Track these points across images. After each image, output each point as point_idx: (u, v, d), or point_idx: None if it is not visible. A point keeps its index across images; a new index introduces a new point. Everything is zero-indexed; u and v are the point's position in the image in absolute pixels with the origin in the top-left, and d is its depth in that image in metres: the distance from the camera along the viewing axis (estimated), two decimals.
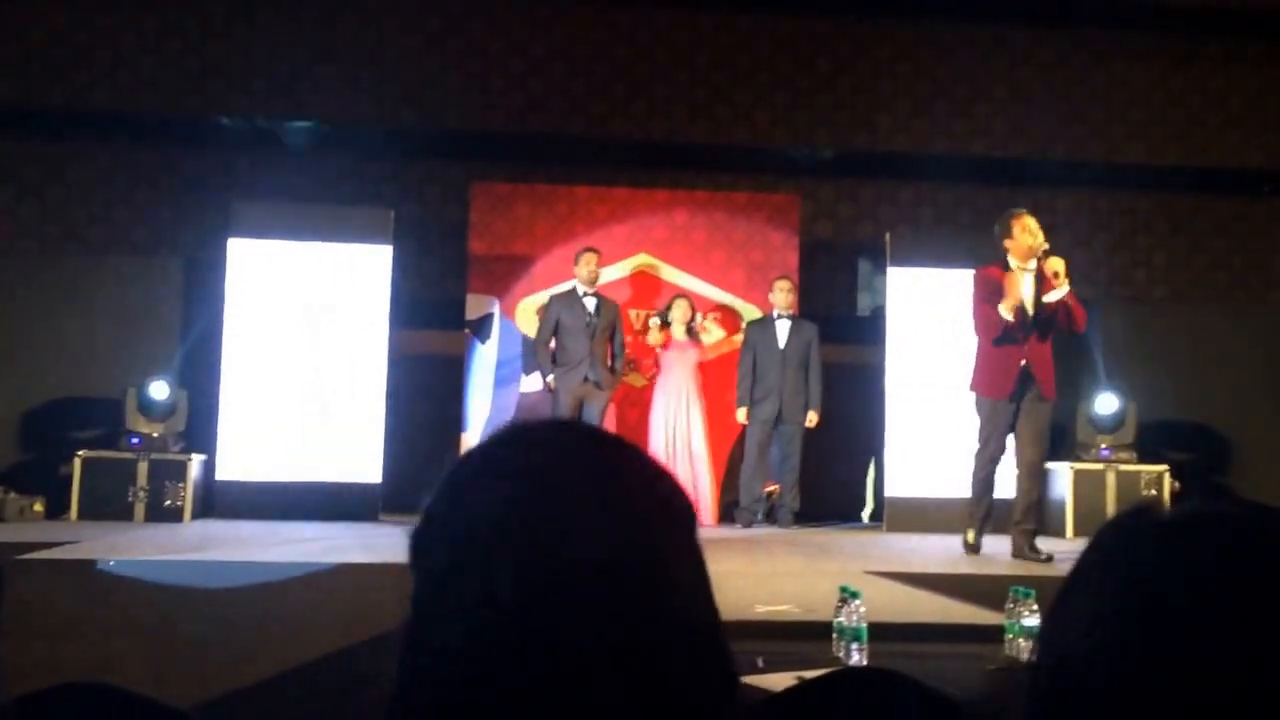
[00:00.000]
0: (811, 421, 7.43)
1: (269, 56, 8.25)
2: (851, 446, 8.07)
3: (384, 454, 7.35)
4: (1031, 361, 5.58)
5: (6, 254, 8.03)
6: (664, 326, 7.64)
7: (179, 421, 7.27)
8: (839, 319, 8.38)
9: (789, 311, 7.54)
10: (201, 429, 7.32)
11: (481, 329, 7.89)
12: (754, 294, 7.94)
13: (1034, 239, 5.55)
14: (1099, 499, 7.28)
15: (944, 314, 7.60)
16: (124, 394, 7.28)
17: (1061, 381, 5.76)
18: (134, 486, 6.96)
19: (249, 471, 7.25)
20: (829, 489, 8.02)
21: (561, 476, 0.76)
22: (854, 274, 8.75)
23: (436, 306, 8.15)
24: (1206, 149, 8.74)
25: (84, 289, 7.80)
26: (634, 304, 7.96)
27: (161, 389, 7.28)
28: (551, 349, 7.35)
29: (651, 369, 7.70)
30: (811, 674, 1.97)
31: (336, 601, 4.18)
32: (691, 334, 7.69)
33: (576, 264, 7.40)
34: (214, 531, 6.34)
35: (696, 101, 8.57)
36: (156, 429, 7.18)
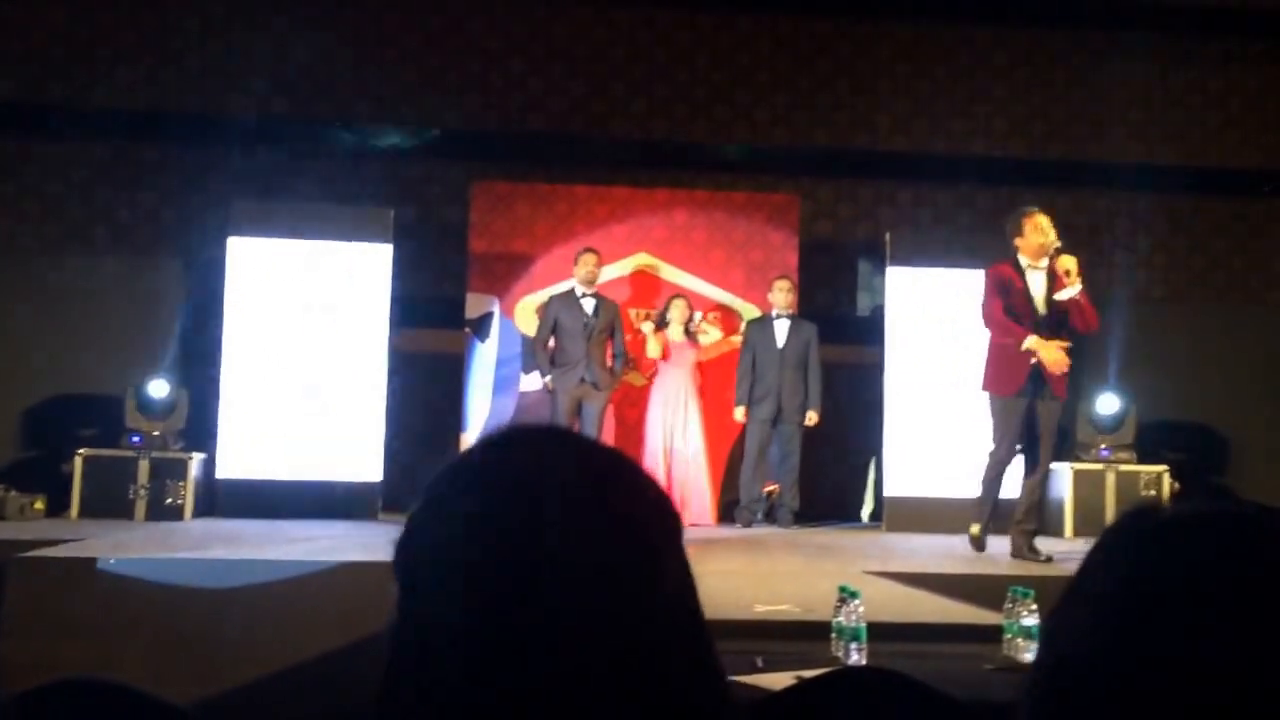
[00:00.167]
0: (811, 421, 7.43)
1: (270, 55, 8.26)
2: (851, 446, 8.07)
3: (384, 453, 7.35)
4: (1042, 361, 5.49)
5: (7, 252, 8.03)
6: (660, 328, 7.62)
7: (179, 420, 7.28)
8: (838, 319, 8.38)
9: (788, 311, 7.54)
10: (202, 427, 7.33)
11: (481, 328, 7.90)
12: (753, 294, 7.94)
13: (1044, 237, 5.48)
14: (1098, 499, 7.29)
15: (943, 314, 7.61)
16: (124, 392, 7.28)
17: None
18: (135, 485, 6.96)
19: (249, 470, 7.26)
20: (828, 489, 8.03)
21: (546, 486, 0.76)
22: (853, 274, 8.75)
23: (436, 306, 8.15)
24: (1206, 149, 8.75)
25: (84, 287, 7.80)
26: (633, 303, 7.96)
27: (161, 387, 7.29)
28: (550, 349, 7.36)
29: (652, 367, 7.71)
30: (810, 674, 1.98)
31: (336, 600, 4.18)
32: (689, 334, 7.69)
33: (575, 264, 7.40)
34: (214, 530, 6.34)
35: (696, 101, 8.58)
36: (157, 427, 7.19)
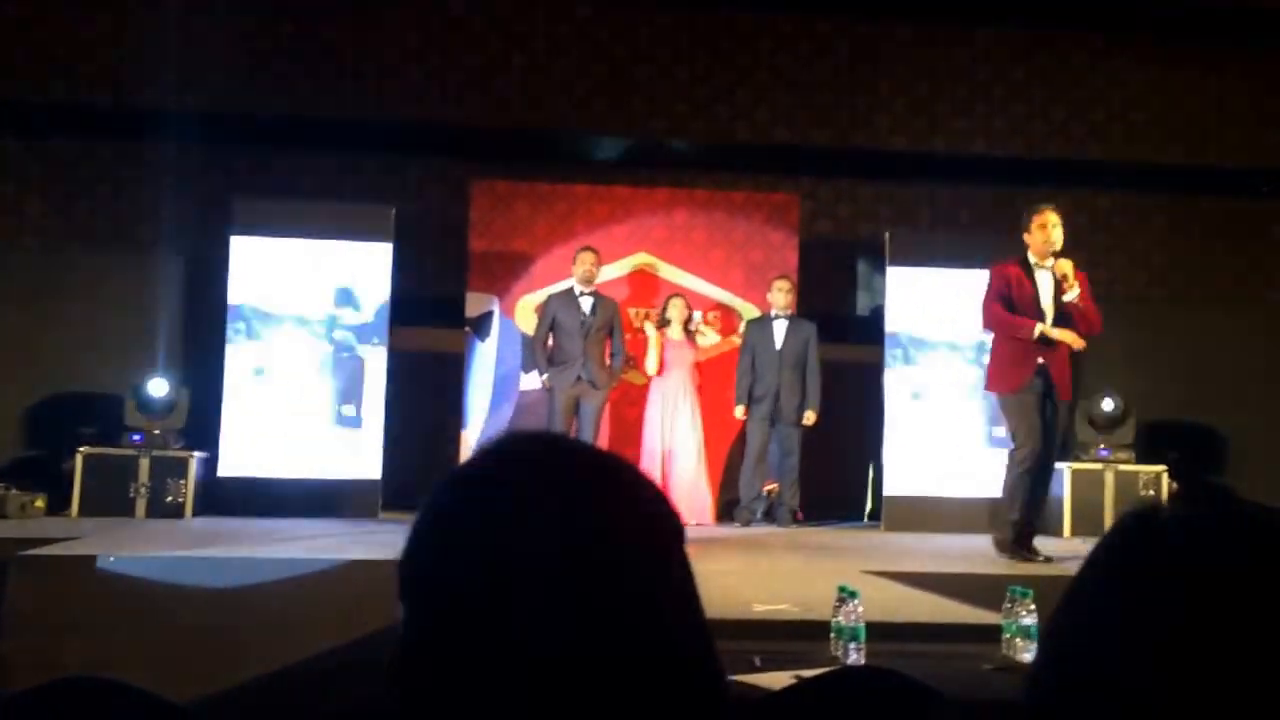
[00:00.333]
0: (809, 420, 7.43)
1: (272, 53, 8.26)
2: (850, 446, 8.07)
3: (384, 451, 7.36)
4: (1048, 362, 5.42)
5: (8, 250, 8.04)
6: (661, 326, 7.61)
7: (180, 418, 7.28)
8: (838, 318, 8.38)
9: (787, 311, 7.53)
10: (203, 425, 7.33)
11: (481, 327, 7.90)
12: (753, 293, 7.94)
13: (1046, 235, 5.41)
14: (1097, 499, 7.29)
15: (944, 313, 7.61)
16: (125, 391, 7.29)
17: None
18: (135, 483, 6.97)
19: (250, 468, 7.26)
20: (828, 488, 8.02)
21: (547, 494, 0.77)
22: (853, 273, 8.75)
23: (436, 304, 8.15)
24: (1206, 149, 8.74)
25: (86, 285, 7.81)
26: (633, 303, 7.96)
27: (160, 386, 7.29)
28: (549, 348, 7.36)
29: (658, 370, 7.68)
30: (809, 673, 1.98)
31: (337, 598, 4.19)
32: (689, 333, 7.68)
33: (573, 263, 7.39)
34: (215, 528, 6.34)
35: (697, 100, 8.58)
36: (157, 426, 7.19)
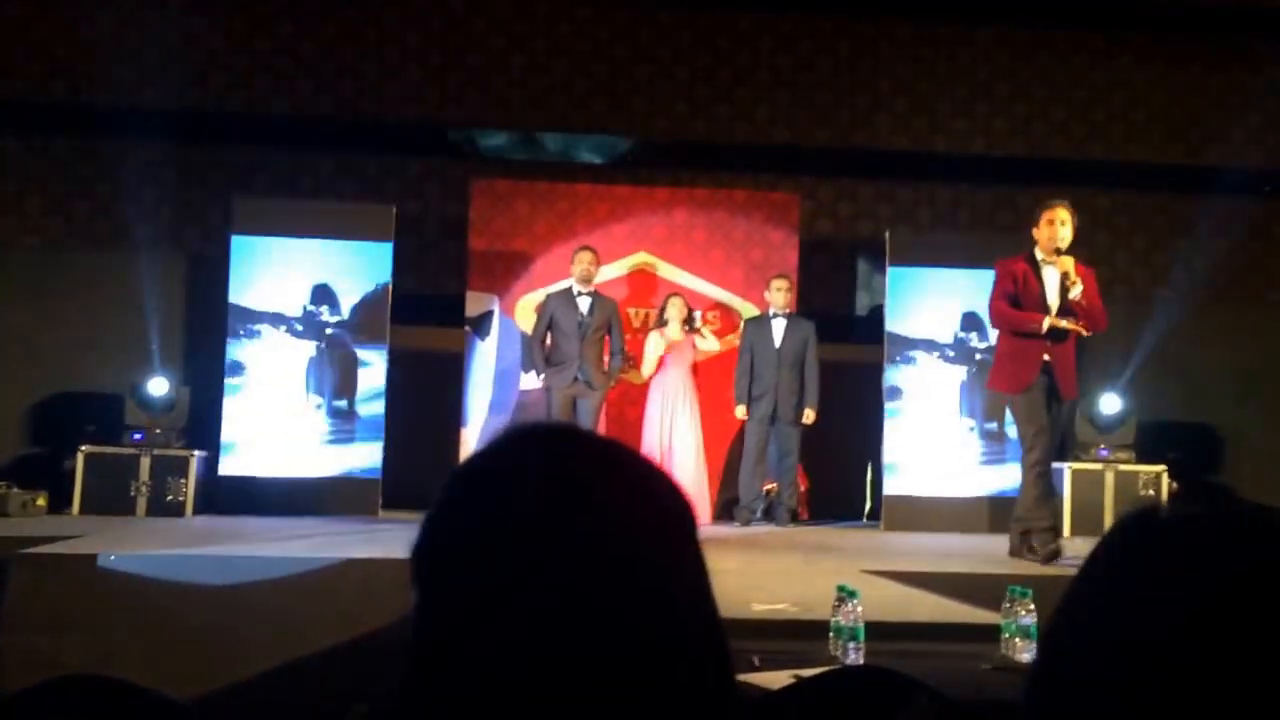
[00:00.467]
0: (808, 419, 7.42)
1: (271, 52, 8.27)
2: (850, 445, 8.07)
3: (384, 450, 7.37)
4: (1054, 359, 5.36)
5: (9, 249, 8.05)
6: (660, 325, 7.60)
7: (181, 417, 7.29)
8: (838, 318, 8.38)
9: (785, 310, 7.52)
10: (204, 424, 7.34)
11: (481, 326, 7.90)
12: (753, 293, 7.93)
13: (1052, 233, 5.33)
14: (1097, 499, 7.29)
15: (943, 313, 7.61)
16: (126, 389, 7.30)
17: None
18: (136, 481, 6.98)
19: (250, 467, 7.27)
20: (828, 488, 8.03)
21: (560, 484, 0.77)
22: (853, 273, 8.75)
23: (437, 303, 8.15)
24: (1206, 149, 8.74)
25: (87, 284, 7.82)
26: (632, 302, 7.96)
27: (160, 385, 7.30)
28: (547, 347, 7.35)
29: (655, 370, 7.69)
30: (808, 673, 1.99)
31: (337, 596, 4.19)
32: (691, 329, 7.66)
33: (572, 262, 7.38)
34: (215, 526, 6.35)
35: (697, 99, 8.58)
36: (158, 424, 7.20)
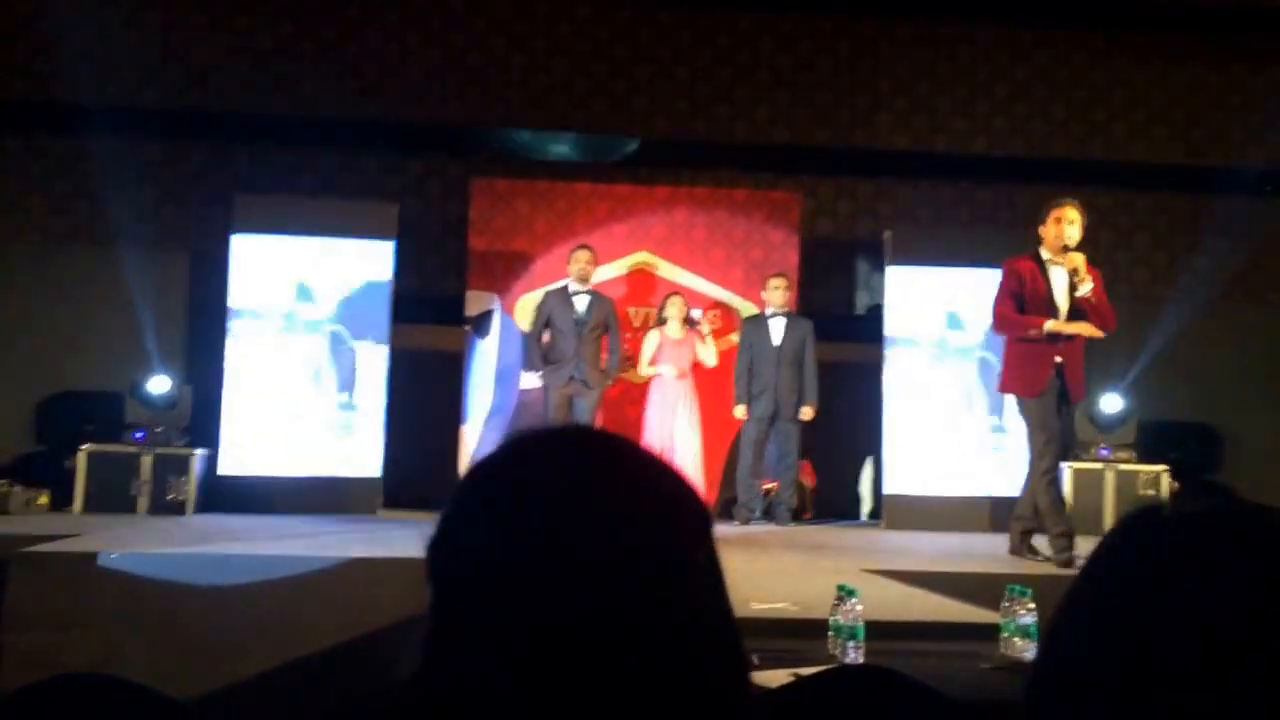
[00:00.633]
0: (807, 415, 7.41)
1: (272, 52, 8.27)
2: (850, 445, 8.08)
3: (384, 449, 7.37)
4: (1065, 360, 5.29)
5: (12, 248, 8.05)
6: (660, 324, 7.60)
7: (182, 416, 7.29)
8: (838, 316, 8.39)
9: (783, 309, 7.52)
10: (205, 423, 7.34)
11: (481, 325, 7.91)
12: (753, 291, 7.93)
13: (1059, 231, 5.26)
14: (1097, 498, 7.29)
15: (943, 312, 7.61)
16: (127, 388, 7.30)
17: None
18: (137, 480, 6.98)
19: (251, 466, 7.27)
20: (828, 487, 8.03)
21: (577, 483, 0.78)
22: (853, 272, 8.75)
23: (437, 302, 8.15)
24: (1206, 148, 8.75)
25: (89, 283, 7.83)
26: (631, 301, 7.96)
27: (161, 384, 7.31)
28: (545, 345, 7.35)
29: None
30: (808, 671, 1.99)
31: (337, 595, 4.20)
32: (688, 331, 7.65)
33: (569, 261, 7.38)
34: (216, 525, 6.35)
35: (697, 98, 8.58)
36: (159, 423, 7.20)
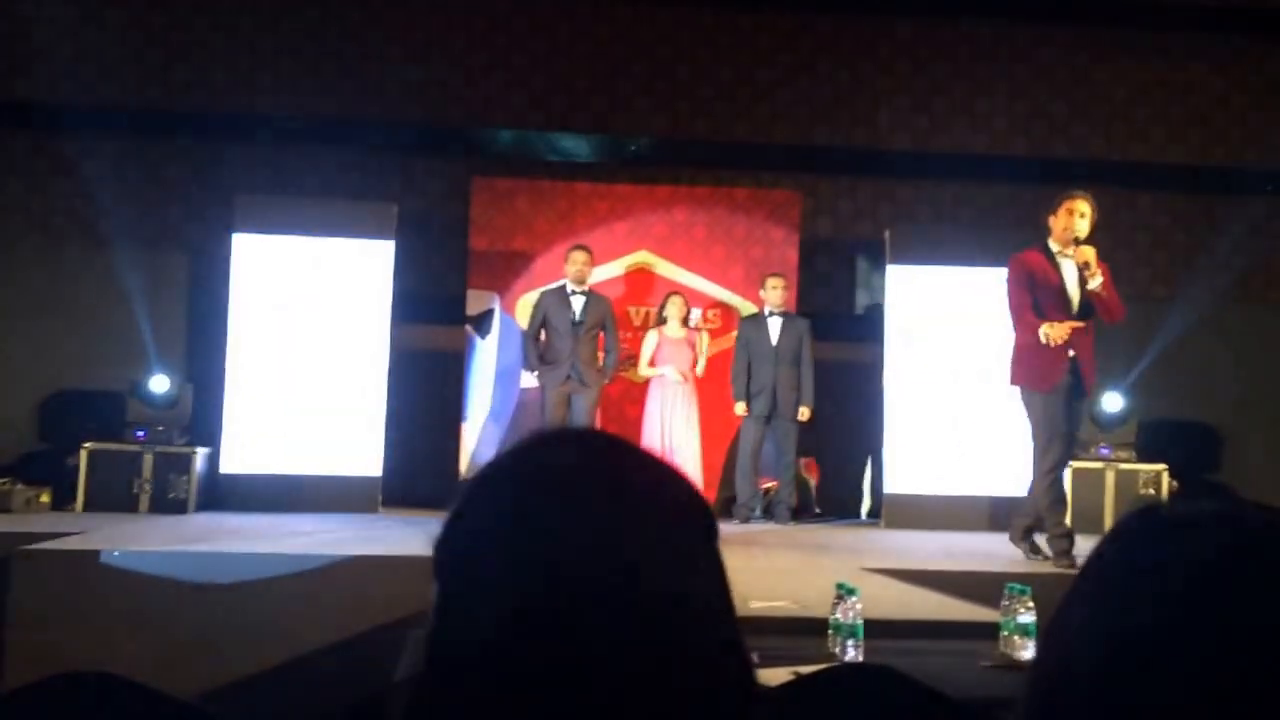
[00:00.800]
0: (803, 416, 7.42)
1: (273, 52, 8.28)
2: (849, 444, 8.08)
3: (384, 448, 7.37)
4: (1078, 352, 5.25)
5: (13, 247, 8.06)
6: (660, 323, 7.60)
7: (183, 414, 7.30)
8: (838, 316, 8.39)
9: (781, 308, 7.53)
10: (206, 422, 7.35)
11: (482, 325, 7.91)
12: (753, 291, 7.92)
13: (1069, 223, 5.23)
14: (1098, 498, 7.30)
15: (943, 311, 7.62)
16: (128, 387, 7.31)
17: None
18: (139, 479, 6.99)
19: (252, 464, 7.28)
20: (827, 486, 8.04)
21: (583, 486, 0.79)
22: (853, 271, 8.76)
23: (438, 302, 8.16)
24: (1207, 148, 8.74)
25: (90, 282, 7.83)
26: (630, 301, 7.96)
27: (162, 383, 7.31)
28: (542, 345, 7.35)
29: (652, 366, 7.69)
30: (807, 670, 2.00)
31: (338, 593, 4.21)
32: (688, 329, 7.66)
33: (565, 262, 7.37)
34: (217, 523, 6.36)
35: (698, 97, 8.58)
36: (161, 422, 7.21)
